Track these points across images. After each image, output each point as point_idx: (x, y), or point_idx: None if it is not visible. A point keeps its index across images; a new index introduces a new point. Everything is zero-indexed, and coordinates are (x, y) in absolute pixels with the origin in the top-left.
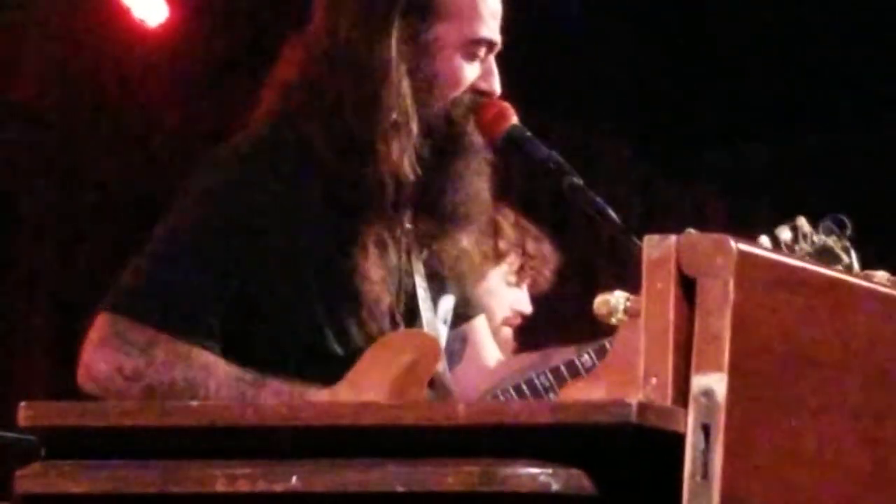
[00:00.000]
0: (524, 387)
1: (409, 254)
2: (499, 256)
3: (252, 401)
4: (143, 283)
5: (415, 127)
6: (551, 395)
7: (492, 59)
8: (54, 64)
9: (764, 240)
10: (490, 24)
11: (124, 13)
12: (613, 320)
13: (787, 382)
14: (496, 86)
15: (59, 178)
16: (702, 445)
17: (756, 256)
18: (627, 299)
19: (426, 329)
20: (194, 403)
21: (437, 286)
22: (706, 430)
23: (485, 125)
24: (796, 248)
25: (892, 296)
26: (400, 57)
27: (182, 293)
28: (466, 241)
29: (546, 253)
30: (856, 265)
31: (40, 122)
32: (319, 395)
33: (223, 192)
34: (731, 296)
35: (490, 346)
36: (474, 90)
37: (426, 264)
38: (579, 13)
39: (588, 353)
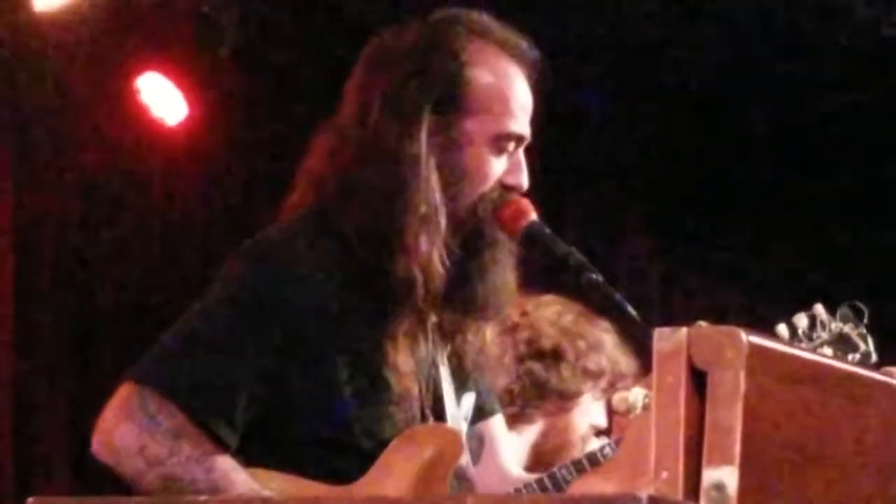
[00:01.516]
0: (546, 480)
1: (434, 347)
2: (599, 374)
3: None
4: (174, 360)
5: (443, 221)
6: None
7: (520, 153)
8: (74, 164)
9: (782, 328)
10: (520, 119)
11: (143, 112)
12: (632, 417)
13: (800, 476)
14: (524, 181)
15: (78, 276)
16: None
17: (767, 349)
18: (646, 396)
19: (451, 423)
20: (202, 498)
21: (461, 381)
22: None
23: (504, 222)
24: (814, 335)
25: None
26: (429, 150)
27: (212, 376)
28: (490, 334)
29: (635, 371)
30: (872, 351)
31: (63, 221)
32: (338, 492)
33: (258, 281)
34: (742, 388)
35: (507, 447)
36: (502, 185)
37: (450, 359)
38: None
39: (610, 446)
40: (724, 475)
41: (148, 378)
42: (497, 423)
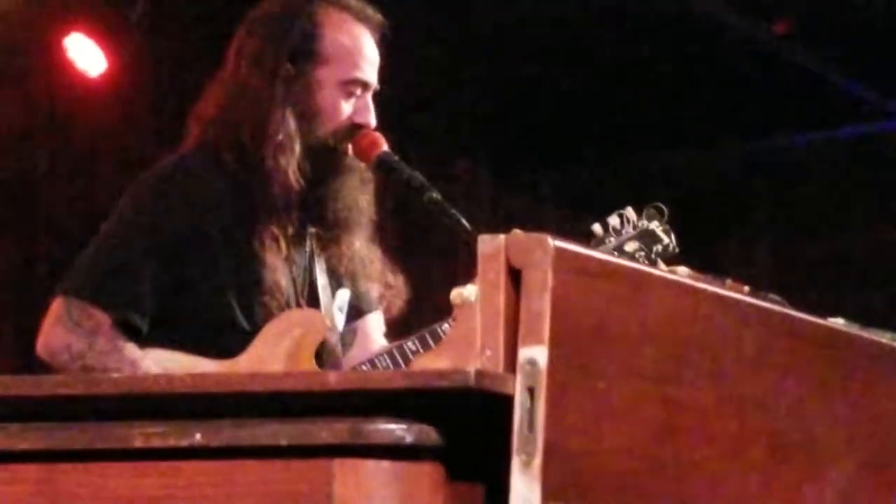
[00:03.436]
0: (395, 352)
1: (312, 253)
2: None
3: None
4: (91, 270)
5: (298, 147)
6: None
7: (368, 96)
8: (10, 112)
9: (596, 226)
10: (364, 68)
11: (70, 66)
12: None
13: (596, 352)
14: (370, 119)
15: (16, 211)
16: (528, 404)
17: (569, 251)
18: (478, 291)
19: (324, 311)
20: (116, 375)
21: (336, 281)
22: (531, 391)
23: (360, 151)
24: (623, 231)
25: (683, 283)
26: (286, 92)
27: (122, 278)
28: (359, 244)
29: (401, 286)
30: (674, 244)
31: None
32: (223, 365)
33: (152, 199)
34: (550, 283)
35: (378, 338)
36: (352, 121)
37: (327, 262)
38: None
39: (448, 322)
40: (536, 353)
41: (70, 288)
42: (371, 320)
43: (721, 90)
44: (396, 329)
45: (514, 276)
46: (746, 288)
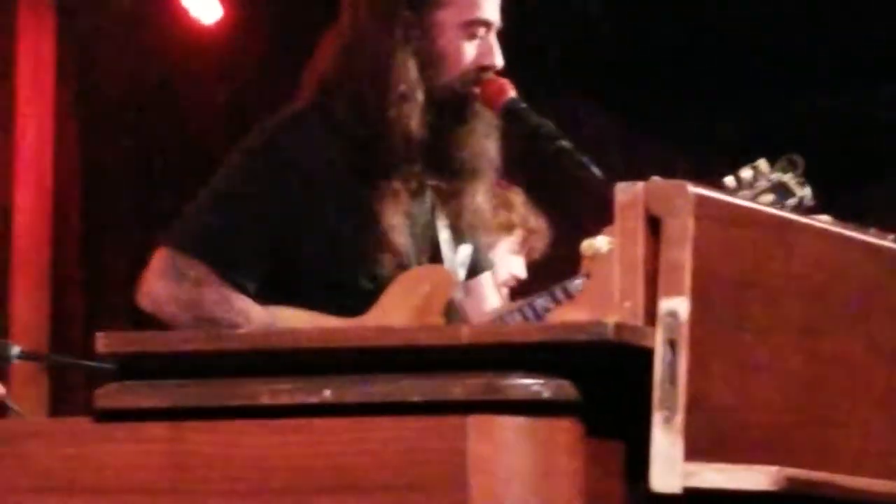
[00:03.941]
0: (526, 308)
1: (434, 207)
2: (509, 228)
3: None
4: (200, 226)
5: (420, 96)
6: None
7: (492, 36)
8: (126, 60)
9: (729, 179)
10: (485, 7)
11: (184, 14)
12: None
13: (739, 304)
14: (496, 60)
15: (133, 155)
16: (669, 357)
17: (710, 198)
18: (609, 242)
19: (446, 266)
20: (242, 331)
21: (458, 235)
22: (672, 344)
23: (487, 98)
24: (756, 184)
25: (829, 231)
26: (406, 40)
27: (230, 238)
28: (481, 197)
29: (544, 229)
30: (809, 196)
31: (115, 110)
32: (349, 322)
33: (265, 154)
34: (691, 232)
35: (491, 299)
36: (477, 64)
37: (449, 216)
38: None
39: (579, 279)
40: (676, 304)
41: (175, 241)
42: (486, 278)
43: (853, 28)
44: (529, 284)
45: (653, 225)
46: (892, 235)
